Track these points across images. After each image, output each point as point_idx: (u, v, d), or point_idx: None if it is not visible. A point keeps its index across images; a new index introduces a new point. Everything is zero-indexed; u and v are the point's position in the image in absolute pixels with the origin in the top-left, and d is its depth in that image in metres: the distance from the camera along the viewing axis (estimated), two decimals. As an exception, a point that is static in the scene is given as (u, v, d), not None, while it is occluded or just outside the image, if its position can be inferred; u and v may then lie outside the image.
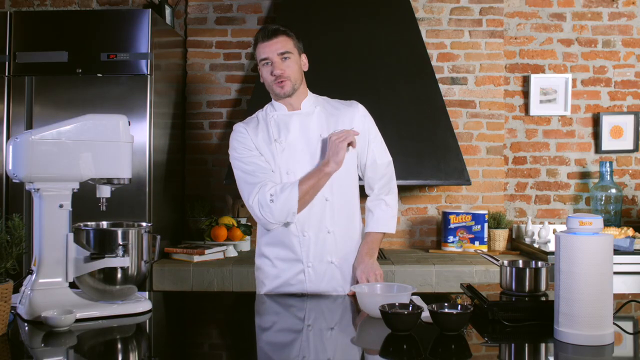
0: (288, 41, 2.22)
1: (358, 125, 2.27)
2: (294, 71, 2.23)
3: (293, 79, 2.23)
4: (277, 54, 2.19)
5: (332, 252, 2.24)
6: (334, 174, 2.18)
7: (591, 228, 1.55)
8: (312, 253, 2.22)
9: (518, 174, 3.99)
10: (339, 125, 2.25)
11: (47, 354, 1.57)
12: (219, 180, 3.89)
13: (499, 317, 1.72)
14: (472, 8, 3.91)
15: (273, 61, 2.21)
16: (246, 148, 2.26)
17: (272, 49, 2.20)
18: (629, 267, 3.19)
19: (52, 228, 1.82)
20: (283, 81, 2.21)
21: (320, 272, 2.23)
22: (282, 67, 2.20)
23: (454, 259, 3.44)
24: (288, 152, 2.22)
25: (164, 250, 3.48)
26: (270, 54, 2.20)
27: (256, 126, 2.31)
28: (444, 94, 3.86)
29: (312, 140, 2.23)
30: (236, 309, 2.17)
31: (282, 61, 2.20)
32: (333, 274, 2.24)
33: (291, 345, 1.65)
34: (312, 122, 2.26)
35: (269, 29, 2.22)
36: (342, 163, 2.15)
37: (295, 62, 2.24)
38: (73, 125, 1.85)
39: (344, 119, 2.28)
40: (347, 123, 2.26)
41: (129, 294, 1.91)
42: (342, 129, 2.22)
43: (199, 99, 3.96)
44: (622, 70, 3.97)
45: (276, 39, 2.20)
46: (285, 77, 2.21)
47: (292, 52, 2.22)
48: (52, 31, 3.29)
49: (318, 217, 2.22)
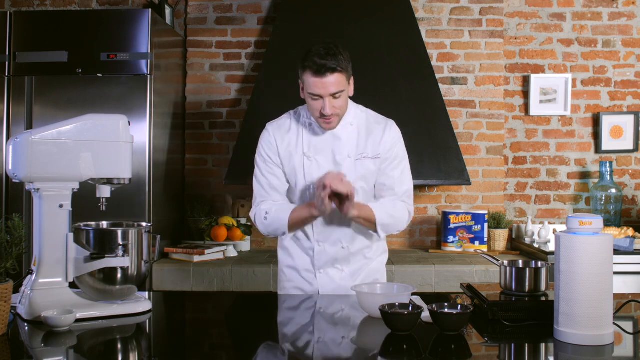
0: (342, 78, 2.09)
1: (384, 148, 2.23)
2: (343, 105, 2.15)
3: (341, 114, 2.17)
4: (330, 93, 2.08)
5: (344, 263, 2.28)
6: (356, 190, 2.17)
7: (591, 228, 1.55)
8: (323, 262, 2.27)
9: (518, 174, 3.99)
10: (368, 148, 2.22)
11: (47, 354, 1.57)
12: (219, 180, 3.89)
13: (499, 317, 1.72)
14: (472, 8, 3.91)
15: (324, 100, 2.09)
16: (268, 157, 2.25)
17: (326, 89, 2.07)
18: (629, 267, 3.19)
19: (52, 228, 1.82)
20: (331, 119, 2.14)
21: (331, 275, 2.27)
22: (332, 105, 2.10)
23: (454, 259, 3.44)
24: (316, 167, 2.20)
25: (164, 250, 3.48)
26: (323, 91, 2.08)
27: (287, 132, 2.26)
28: (444, 94, 3.86)
29: (341, 158, 2.21)
30: (236, 309, 2.17)
31: (333, 99, 2.10)
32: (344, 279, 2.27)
33: (291, 345, 1.65)
34: (342, 141, 2.22)
35: (325, 65, 2.05)
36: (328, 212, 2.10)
37: (346, 95, 2.15)
38: (73, 125, 1.85)
39: (374, 139, 2.23)
40: (375, 145, 2.23)
41: (129, 294, 1.91)
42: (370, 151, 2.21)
43: (199, 99, 3.96)
44: (622, 70, 3.97)
45: (332, 76, 2.06)
46: (335, 114, 2.13)
47: (344, 89, 2.12)
48: (52, 31, 3.29)
49: (336, 232, 2.24)
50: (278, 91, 3.55)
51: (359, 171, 2.22)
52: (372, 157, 2.23)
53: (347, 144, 2.22)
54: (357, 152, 2.22)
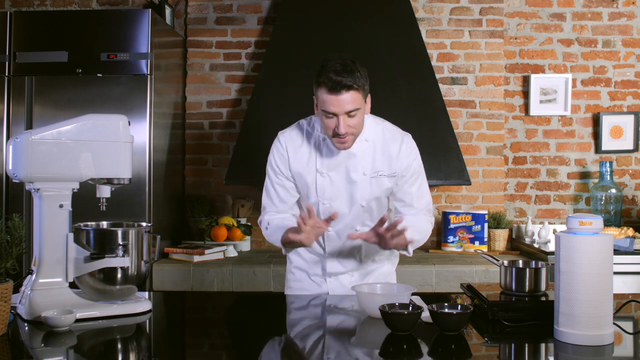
0: (358, 96, 2.00)
1: (400, 166, 2.18)
2: (359, 124, 2.06)
3: (356, 133, 2.09)
4: (344, 111, 1.99)
5: (354, 270, 2.28)
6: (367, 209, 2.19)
7: (591, 228, 1.55)
8: (334, 270, 2.27)
9: (518, 174, 3.99)
10: (384, 165, 2.17)
11: (47, 354, 1.57)
12: (219, 180, 3.89)
13: (499, 317, 1.72)
14: (472, 8, 3.91)
15: (339, 118, 2.00)
16: (278, 169, 2.21)
17: (340, 107, 1.98)
18: (629, 267, 3.19)
19: (52, 228, 1.82)
20: (345, 138, 2.05)
21: (341, 280, 2.27)
22: (347, 124, 2.01)
23: (454, 259, 3.44)
24: (329, 182, 2.17)
25: (164, 250, 3.48)
26: (337, 109, 1.99)
27: (300, 145, 2.19)
28: (444, 94, 3.86)
29: (355, 176, 2.16)
30: (236, 309, 2.17)
31: (348, 117, 2.01)
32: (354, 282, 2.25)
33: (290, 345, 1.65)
34: (357, 159, 2.16)
35: (340, 82, 1.96)
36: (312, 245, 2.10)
37: (362, 113, 2.05)
38: (73, 125, 1.85)
39: (390, 156, 2.18)
40: (392, 163, 2.18)
41: (129, 294, 1.90)
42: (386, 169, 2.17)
43: (199, 99, 3.96)
44: (622, 70, 3.97)
45: (347, 94, 1.97)
46: (350, 133, 2.05)
47: (360, 107, 2.02)
48: (52, 31, 3.29)
49: (347, 245, 2.24)
50: (278, 91, 3.55)
51: (374, 189, 2.18)
52: (388, 175, 2.18)
53: (363, 161, 2.16)
54: (373, 169, 2.17)
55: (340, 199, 2.18)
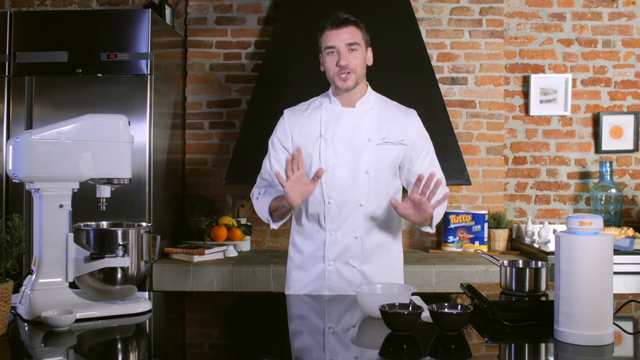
0: (357, 32, 2.15)
1: (410, 136, 2.22)
2: (360, 64, 2.15)
3: (358, 72, 2.15)
4: (345, 43, 2.12)
5: (356, 257, 2.22)
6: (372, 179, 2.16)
7: (591, 228, 1.55)
8: (335, 254, 2.21)
9: (518, 174, 3.99)
10: (392, 133, 2.19)
11: (47, 354, 1.57)
12: (219, 180, 3.89)
13: (499, 317, 1.72)
14: (472, 8, 3.91)
15: (340, 51, 2.12)
16: (278, 142, 2.27)
17: (341, 38, 2.12)
18: (629, 267, 3.19)
19: (52, 228, 1.82)
20: (348, 73, 2.13)
21: (341, 272, 2.22)
22: (348, 58, 2.12)
23: (454, 259, 3.44)
24: (332, 149, 2.17)
25: (164, 250, 3.48)
26: (338, 42, 2.12)
27: (303, 113, 2.26)
28: (444, 94, 3.86)
29: (359, 142, 2.18)
30: (236, 309, 2.17)
31: (349, 52, 2.12)
32: (353, 276, 2.22)
33: (291, 345, 1.65)
34: (362, 124, 2.19)
35: (339, 17, 2.14)
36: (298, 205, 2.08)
37: (362, 54, 2.16)
38: (73, 125, 1.85)
39: (398, 127, 2.21)
40: (399, 131, 2.21)
41: (129, 294, 1.91)
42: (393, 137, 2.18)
43: (199, 99, 3.96)
44: (622, 70, 3.97)
45: (346, 28, 2.13)
46: (351, 69, 2.13)
47: (360, 44, 2.15)
48: (52, 31, 3.29)
49: (349, 221, 2.20)
50: (278, 91, 3.55)
51: (379, 156, 2.18)
52: (396, 143, 2.19)
53: (368, 127, 2.19)
54: (379, 136, 2.18)
55: (344, 167, 2.16)
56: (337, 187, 2.17)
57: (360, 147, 2.17)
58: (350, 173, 2.17)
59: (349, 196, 2.18)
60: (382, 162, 2.19)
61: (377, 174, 2.19)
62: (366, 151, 2.17)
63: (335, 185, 2.17)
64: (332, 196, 2.18)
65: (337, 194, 2.17)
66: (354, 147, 2.17)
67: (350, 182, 2.18)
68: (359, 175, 2.18)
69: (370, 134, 2.18)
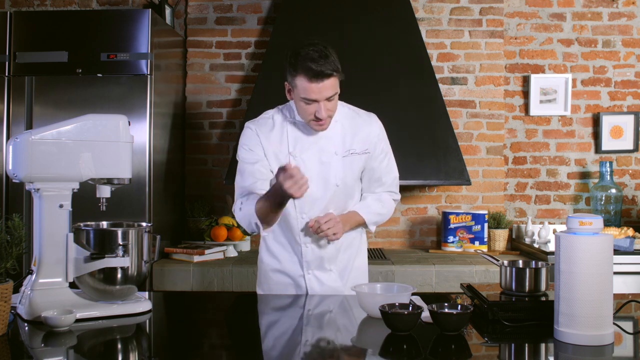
0: (336, 81, 2.09)
1: (371, 142, 2.25)
2: (335, 107, 2.15)
3: (333, 115, 2.15)
4: (325, 97, 2.06)
5: (331, 261, 2.27)
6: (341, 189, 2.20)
7: (591, 228, 1.55)
8: (313, 264, 2.25)
9: (518, 174, 3.99)
10: (356, 144, 2.22)
11: (47, 354, 1.57)
12: (219, 180, 3.89)
13: (499, 317, 1.72)
14: (472, 8, 3.91)
15: (320, 105, 2.07)
16: (251, 150, 2.21)
17: (322, 94, 2.05)
18: (629, 267, 3.19)
19: (52, 228, 1.82)
20: (325, 121, 2.12)
21: (320, 278, 2.26)
22: (327, 108, 2.08)
23: (454, 259, 3.44)
24: (302, 166, 2.16)
25: (164, 250, 3.48)
26: (319, 96, 2.05)
27: (270, 130, 2.23)
28: (444, 94, 3.86)
29: (326, 156, 2.20)
30: (236, 309, 2.17)
31: (327, 102, 2.08)
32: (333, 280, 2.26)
33: (291, 345, 1.65)
34: (328, 138, 2.21)
35: (322, 72, 2.02)
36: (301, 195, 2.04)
37: (337, 97, 2.13)
38: (73, 125, 1.85)
39: (361, 135, 2.24)
40: (363, 141, 2.23)
41: (129, 294, 1.91)
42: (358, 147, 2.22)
43: (199, 99, 3.96)
44: (622, 70, 3.97)
45: (328, 81, 2.04)
46: (328, 116, 2.12)
47: (337, 91, 2.11)
48: (52, 31, 3.29)
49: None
50: (278, 91, 3.52)
51: (347, 168, 2.21)
52: (360, 153, 2.23)
53: (334, 141, 2.21)
54: (344, 148, 2.21)
55: (314, 181, 2.16)
56: (309, 202, 2.19)
57: (328, 161, 2.20)
58: (320, 187, 2.20)
59: (321, 208, 2.21)
60: (349, 173, 2.23)
61: (345, 184, 2.23)
62: (334, 164, 2.20)
63: (308, 200, 2.16)
64: (305, 211, 2.21)
65: (309, 208, 2.21)
66: (322, 162, 2.20)
67: (321, 195, 2.21)
68: (329, 188, 2.21)
69: (336, 147, 2.21)
